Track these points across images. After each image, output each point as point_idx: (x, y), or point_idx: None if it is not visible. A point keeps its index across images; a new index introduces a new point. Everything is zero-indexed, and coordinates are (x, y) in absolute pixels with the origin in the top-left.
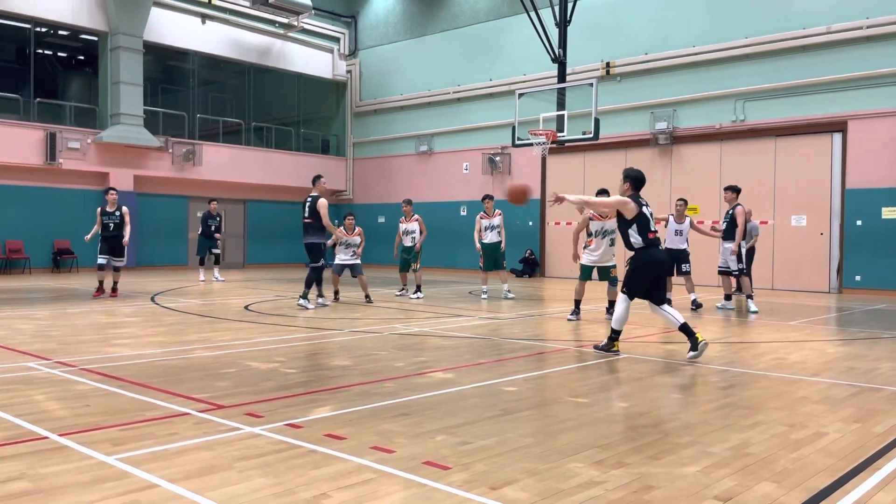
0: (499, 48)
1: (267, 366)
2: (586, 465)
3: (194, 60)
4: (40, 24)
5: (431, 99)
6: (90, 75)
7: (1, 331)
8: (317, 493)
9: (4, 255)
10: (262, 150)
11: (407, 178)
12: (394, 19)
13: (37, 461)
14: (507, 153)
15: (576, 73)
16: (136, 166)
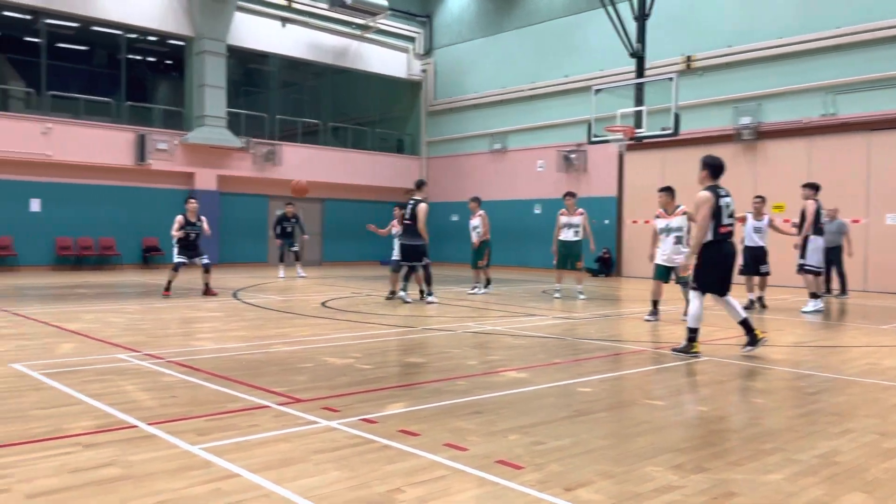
0: (575, 44)
1: (343, 361)
2: (664, 469)
3: (274, 63)
4: (131, 31)
5: (505, 97)
6: (177, 79)
7: (94, 324)
8: (391, 487)
9: (98, 252)
10: (338, 150)
11: (480, 176)
12: (469, 17)
13: (127, 449)
14: (582, 150)
15: (654, 68)
16: (219, 166)
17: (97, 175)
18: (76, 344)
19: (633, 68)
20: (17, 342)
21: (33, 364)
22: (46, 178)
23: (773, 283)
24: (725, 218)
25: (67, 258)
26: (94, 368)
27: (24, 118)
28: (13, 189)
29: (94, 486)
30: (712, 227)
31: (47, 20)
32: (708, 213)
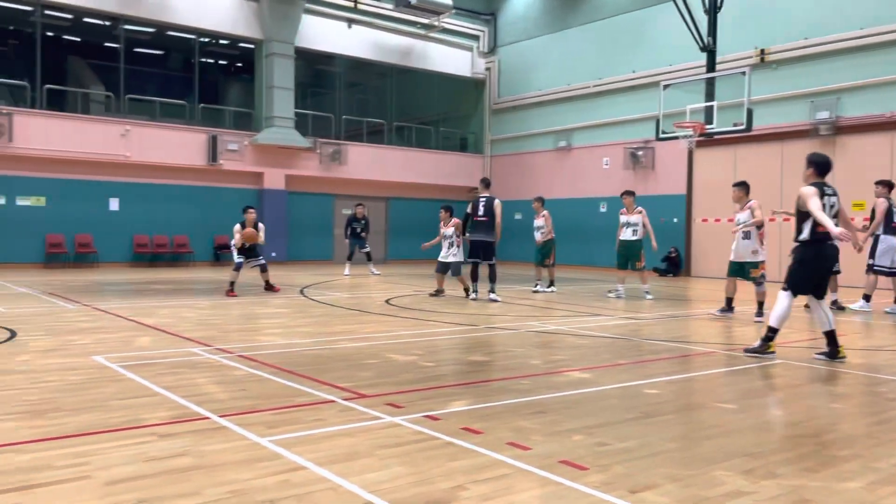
0: (642, 39)
1: (406, 358)
2: (734, 473)
3: (340, 64)
4: (203, 35)
5: (571, 93)
6: (247, 81)
7: (169, 319)
8: (454, 484)
9: (172, 249)
10: (402, 149)
11: (544, 174)
12: (534, 14)
13: (200, 439)
14: (650, 147)
15: (726, 62)
16: (287, 166)
17: (171, 175)
18: (152, 338)
19: (703, 63)
20: (97, 336)
21: (112, 356)
22: (124, 178)
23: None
24: None
25: (144, 255)
26: (169, 361)
27: (105, 121)
28: (94, 189)
29: (168, 475)
30: (810, 227)
31: (125, 26)
32: (819, 204)
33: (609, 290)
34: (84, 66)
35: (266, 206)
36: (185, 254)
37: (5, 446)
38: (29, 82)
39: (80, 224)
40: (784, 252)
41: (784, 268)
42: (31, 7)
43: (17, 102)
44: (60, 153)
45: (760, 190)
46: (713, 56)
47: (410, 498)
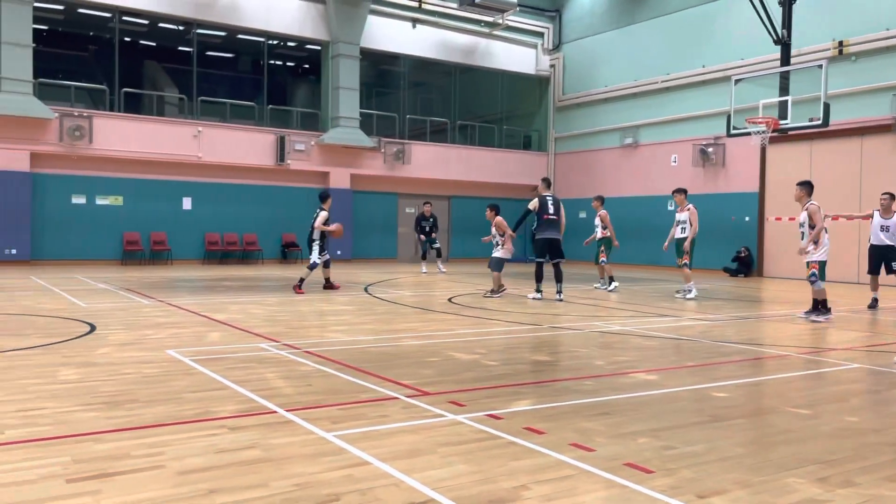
0: (713, 32)
1: (469, 357)
2: (807, 481)
3: (405, 63)
4: (272, 38)
5: (638, 89)
6: (314, 82)
7: (238, 314)
8: (516, 484)
9: (242, 247)
10: (465, 148)
11: (610, 171)
12: (599, 10)
13: (268, 432)
14: (720, 143)
15: (801, 55)
16: (352, 165)
17: (241, 175)
18: (222, 333)
19: (777, 56)
20: (171, 330)
21: (185, 351)
22: (196, 178)
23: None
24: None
25: (215, 253)
26: (239, 356)
27: (178, 122)
28: (168, 188)
29: (237, 467)
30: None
31: (198, 30)
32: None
33: (677, 290)
34: (159, 70)
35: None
36: (254, 251)
37: (86, 435)
38: (107, 86)
39: (155, 222)
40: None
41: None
42: (109, 14)
43: (97, 106)
44: (137, 154)
45: (839, 187)
46: (788, 49)
47: (473, 496)
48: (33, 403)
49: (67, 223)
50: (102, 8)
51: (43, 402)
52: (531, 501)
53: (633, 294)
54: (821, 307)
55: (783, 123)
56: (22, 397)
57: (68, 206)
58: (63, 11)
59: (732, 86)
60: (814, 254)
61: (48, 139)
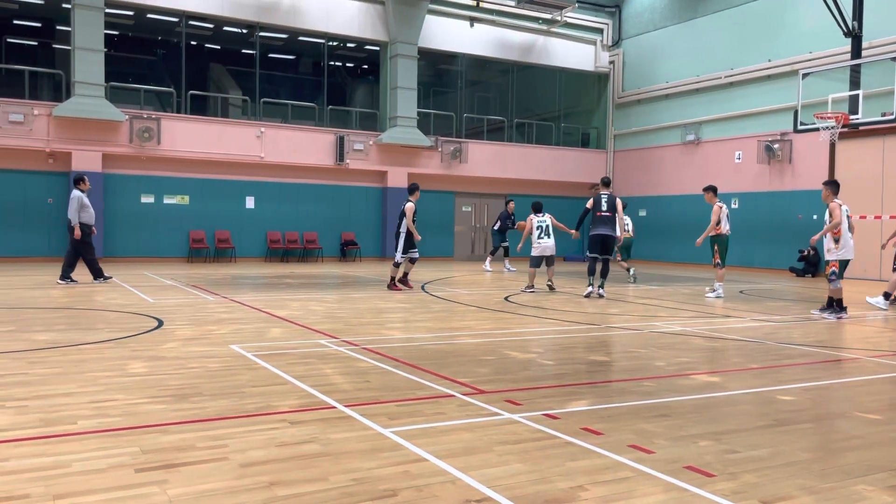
0: (779, 25)
1: (524, 356)
2: (878, 488)
3: (462, 62)
4: (332, 39)
5: (700, 85)
6: (372, 82)
7: (299, 311)
8: (573, 484)
9: (302, 245)
10: (522, 146)
11: (671, 169)
12: (660, 5)
13: (326, 427)
14: (787, 140)
15: (873, 48)
16: (410, 164)
17: (302, 174)
18: (283, 329)
19: (847, 49)
20: (234, 326)
21: (248, 346)
22: (259, 177)
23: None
24: None
25: (276, 251)
26: (299, 352)
27: (241, 123)
28: (232, 188)
29: (297, 460)
30: None
31: (261, 33)
32: None
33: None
34: (223, 73)
35: (389, 205)
36: (314, 250)
37: (154, 427)
38: (175, 89)
39: (219, 221)
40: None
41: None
42: (176, 18)
43: (165, 108)
44: (202, 154)
45: None
46: (859, 41)
47: (530, 495)
48: (104, 395)
49: (137, 222)
50: (170, 13)
51: (113, 395)
52: (588, 502)
53: (697, 294)
54: (836, 305)
55: (853, 118)
56: (93, 389)
57: (137, 206)
58: (133, 17)
59: (800, 80)
60: (834, 252)
61: (119, 140)
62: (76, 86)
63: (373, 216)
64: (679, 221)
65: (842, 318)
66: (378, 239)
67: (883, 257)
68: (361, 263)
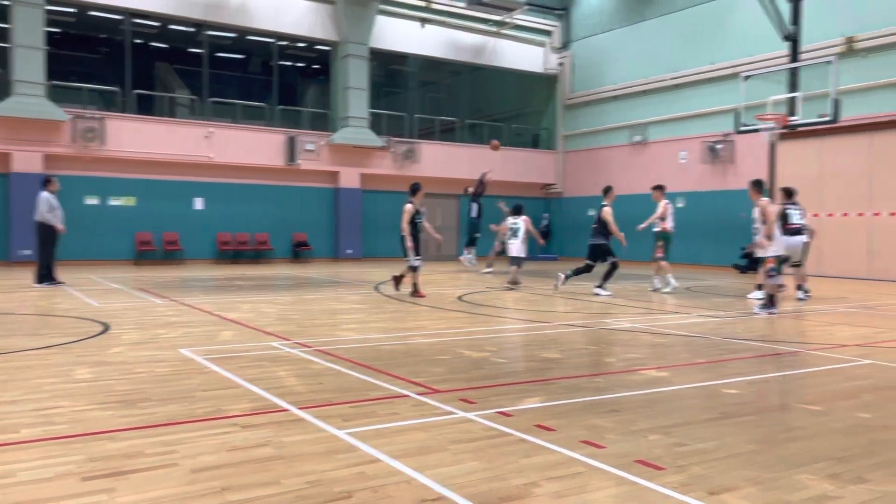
0: (722, 29)
1: (478, 354)
2: (819, 477)
3: (413, 63)
4: (282, 38)
5: (647, 87)
6: (323, 82)
7: (250, 313)
8: (527, 481)
9: (253, 247)
10: (474, 147)
11: (619, 169)
12: (608, 8)
13: (279, 430)
14: (729, 140)
15: (810, 51)
16: (362, 165)
17: (252, 175)
18: (235, 332)
19: (785, 52)
20: (183, 329)
21: (197, 349)
22: (208, 178)
23: None
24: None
25: (227, 252)
26: (251, 355)
27: (189, 123)
28: (180, 189)
29: (250, 464)
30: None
31: (209, 32)
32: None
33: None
34: (170, 72)
35: (342, 205)
36: (265, 251)
37: (101, 434)
38: (119, 88)
39: (167, 223)
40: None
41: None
42: (120, 16)
43: (109, 107)
44: (149, 155)
45: (848, 184)
46: (796, 45)
47: (484, 493)
48: (49, 402)
49: (81, 224)
50: (113, 10)
51: (58, 402)
52: (542, 498)
53: (643, 291)
54: (769, 301)
55: (792, 120)
56: (38, 396)
57: (81, 207)
58: (75, 14)
59: (742, 83)
60: (768, 249)
61: (61, 141)
62: (15, 84)
63: (325, 217)
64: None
65: (772, 314)
66: (331, 240)
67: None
68: (314, 264)
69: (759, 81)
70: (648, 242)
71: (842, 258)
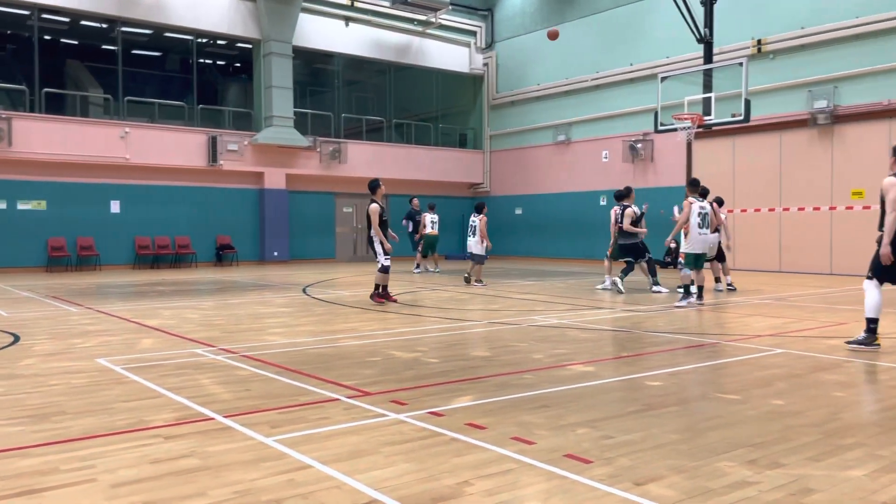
0: (640, 31)
1: (409, 355)
2: (738, 464)
3: (339, 62)
4: (201, 36)
5: (569, 87)
6: (246, 81)
7: (172, 320)
8: (459, 480)
9: (174, 251)
10: (402, 146)
11: (544, 168)
12: (531, 9)
13: (205, 440)
14: (649, 140)
15: (723, 53)
16: (288, 165)
17: (172, 176)
18: (156, 339)
19: (700, 54)
20: (101, 338)
21: (116, 359)
22: (125, 180)
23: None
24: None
25: (146, 257)
26: (173, 363)
27: (104, 123)
28: (95, 192)
29: (173, 477)
30: None
31: (123, 28)
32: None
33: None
34: (82, 69)
35: (267, 206)
36: (187, 255)
37: (11, 451)
38: (27, 86)
39: (81, 227)
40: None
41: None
42: (27, 11)
43: (16, 107)
44: (60, 156)
45: (760, 180)
46: (710, 47)
47: (416, 495)
48: None
49: None
50: (20, 5)
51: None
52: (474, 497)
53: (570, 287)
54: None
55: (707, 119)
56: None
57: None
58: None
59: (659, 83)
60: (682, 245)
61: None
62: None
63: (249, 219)
64: (553, 219)
65: (679, 307)
66: (256, 242)
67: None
68: (239, 267)
69: (675, 82)
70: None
71: (755, 252)
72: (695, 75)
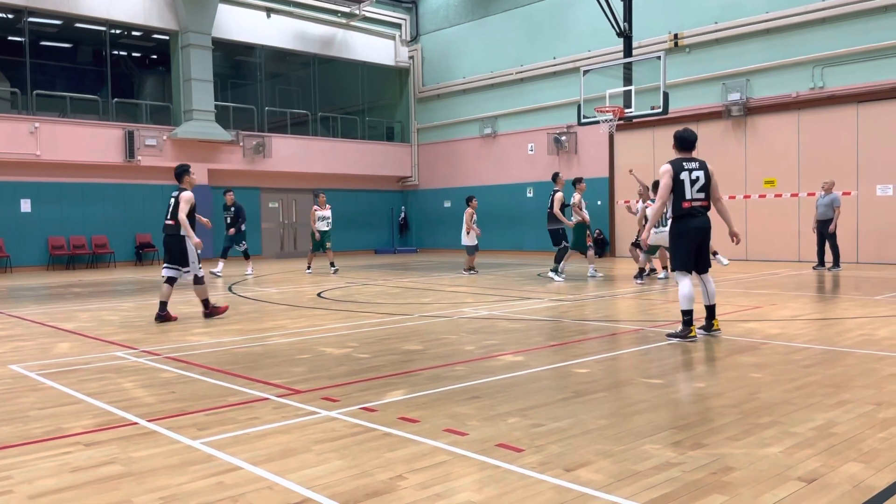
0: (562, 25)
1: (340, 351)
2: (662, 446)
3: (261, 54)
4: (114, 27)
5: (494, 80)
6: (163, 74)
7: (90, 322)
8: (392, 474)
9: (91, 250)
10: (328, 140)
11: (471, 161)
12: (454, 2)
13: (128, 446)
14: (573, 132)
15: (642, 47)
16: (210, 160)
17: (87, 173)
18: (73, 343)
19: (620, 48)
20: (13, 343)
21: (31, 365)
22: (36, 178)
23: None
24: (690, 192)
25: (61, 257)
26: (92, 367)
27: (11, 118)
28: (3, 190)
29: (95, 485)
30: (672, 202)
31: (30, 18)
32: (668, 183)
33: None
34: None
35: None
36: (104, 254)
37: None
38: None
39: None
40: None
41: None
42: None
43: None
44: None
45: None
46: (629, 41)
47: (349, 491)
48: None
49: None
50: None
51: None
52: (407, 491)
53: (499, 279)
54: (641, 274)
55: (628, 112)
56: None
57: None
58: None
59: (581, 77)
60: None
61: None
62: None
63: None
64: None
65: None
66: None
67: None
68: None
69: (597, 76)
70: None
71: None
72: (616, 69)
